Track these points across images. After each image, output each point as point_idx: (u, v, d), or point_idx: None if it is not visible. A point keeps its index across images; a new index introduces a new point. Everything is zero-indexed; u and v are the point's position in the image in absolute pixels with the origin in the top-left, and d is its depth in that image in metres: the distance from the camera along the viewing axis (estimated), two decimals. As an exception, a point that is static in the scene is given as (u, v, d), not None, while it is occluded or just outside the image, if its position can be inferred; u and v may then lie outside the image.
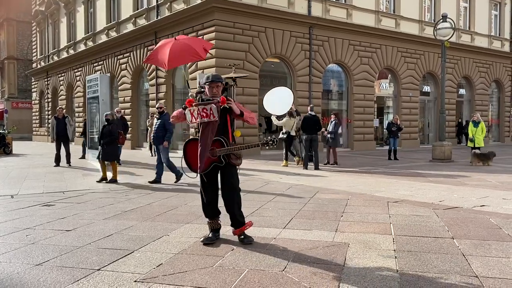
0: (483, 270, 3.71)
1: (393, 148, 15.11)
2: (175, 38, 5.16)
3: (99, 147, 9.91)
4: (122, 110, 16.36)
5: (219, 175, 4.65)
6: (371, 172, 11.47)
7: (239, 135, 4.88)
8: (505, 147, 22.91)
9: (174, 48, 4.92)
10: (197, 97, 4.61)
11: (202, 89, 4.77)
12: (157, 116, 9.91)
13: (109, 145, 9.60)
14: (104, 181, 9.52)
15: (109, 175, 9.64)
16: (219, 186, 4.68)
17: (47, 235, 4.94)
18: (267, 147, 4.54)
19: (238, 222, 4.60)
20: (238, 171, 4.65)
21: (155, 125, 9.77)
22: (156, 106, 10.10)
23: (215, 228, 4.69)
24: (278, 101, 9.33)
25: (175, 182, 9.37)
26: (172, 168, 9.48)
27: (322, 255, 4.13)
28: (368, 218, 5.77)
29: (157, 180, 9.44)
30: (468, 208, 6.45)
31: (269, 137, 4.51)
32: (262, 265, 3.85)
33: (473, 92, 25.63)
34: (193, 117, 4.40)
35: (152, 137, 9.99)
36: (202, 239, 4.60)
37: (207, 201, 4.65)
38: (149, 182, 9.38)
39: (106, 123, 9.92)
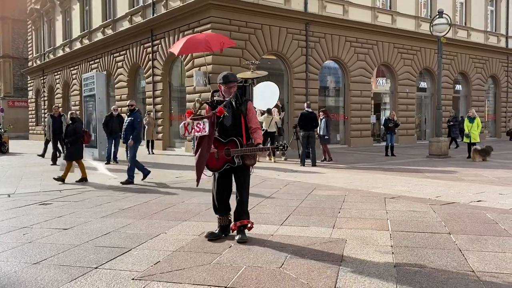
0: (480, 265, 3.73)
1: (390, 144, 15.14)
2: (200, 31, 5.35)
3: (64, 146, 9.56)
4: (119, 108, 16.30)
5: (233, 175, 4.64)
6: (368, 169, 11.50)
7: None
8: (501, 143, 22.99)
9: (192, 39, 5.06)
10: (211, 97, 4.61)
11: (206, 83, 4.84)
12: (127, 114, 9.52)
13: (74, 144, 9.34)
14: (84, 181, 9.32)
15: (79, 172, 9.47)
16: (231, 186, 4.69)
17: (44, 234, 4.94)
18: (278, 152, 4.57)
19: (242, 214, 4.58)
20: (251, 170, 4.67)
21: (125, 122, 9.41)
22: (127, 104, 9.72)
23: (224, 225, 4.66)
24: (264, 96, 9.22)
25: (121, 183, 8.95)
26: (131, 169, 9.04)
27: (319, 251, 4.14)
28: (365, 214, 5.79)
29: (145, 174, 9.29)
30: (464, 203, 6.48)
31: (280, 142, 4.51)
32: (260, 262, 3.85)
33: (469, 88, 25.70)
34: (187, 131, 4.37)
35: (122, 135, 9.63)
36: (205, 234, 4.60)
37: (218, 200, 4.62)
38: (141, 180, 9.21)
39: (70, 122, 9.57)
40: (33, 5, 33.18)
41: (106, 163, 13.39)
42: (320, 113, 13.97)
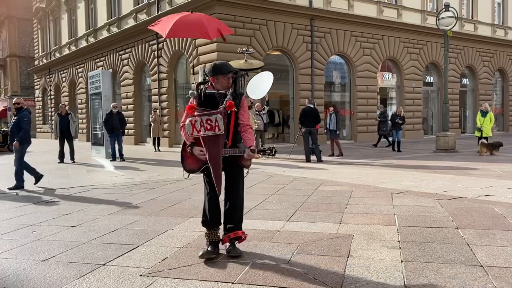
0: (488, 259, 3.70)
1: (396, 139, 15.05)
2: (191, 11, 4.42)
3: None
4: (124, 106, 16.36)
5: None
6: (374, 164, 11.46)
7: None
8: (509, 137, 22.80)
9: (183, 19, 4.28)
10: (199, 89, 3.99)
11: (206, 78, 4.06)
12: (14, 113, 8.77)
13: None
14: None
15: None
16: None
17: (52, 231, 4.97)
18: (263, 157, 3.98)
19: (235, 224, 3.99)
20: (247, 172, 4.05)
21: (11, 122, 8.63)
22: (13, 102, 8.89)
23: (214, 241, 3.97)
24: (259, 85, 8.57)
25: (8, 188, 8.25)
26: (18, 173, 8.36)
27: (326, 247, 4.13)
28: (372, 209, 5.77)
29: (37, 177, 8.62)
30: (472, 198, 6.44)
31: (267, 146, 3.84)
32: (267, 258, 3.85)
33: (476, 81, 25.49)
34: (195, 129, 3.75)
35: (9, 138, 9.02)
36: (200, 254, 3.88)
37: (209, 207, 3.98)
38: (34, 184, 8.50)
39: None
40: (39, 4, 33.33)
41: (111, 160, 13.46)
42: (330, 108, 14.03)
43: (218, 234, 4.01)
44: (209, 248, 3.92)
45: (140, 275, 3.50)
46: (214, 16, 15.89)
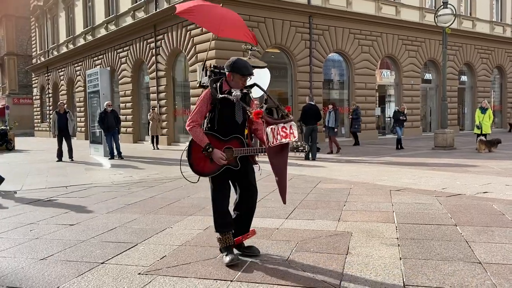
0: (486, 256, 3.70)
1: (397, 137, 15.00)
2: (221, 4, 4.36)
3: None
4: (122, 104, 16.31)
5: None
6: (373, 161, 11.46)
7: None
8: (508, 134, 22.84)
9: (226, 16, 4.14)
10: (214, 85, 3.69)
11: (219, 75, 3.82)
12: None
13: None
14: None
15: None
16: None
17: (50, 230, 4.96)
18: (296, 153, 3.74)
19: (250, 224, 3.95)
20: (259, 169, 3.90)
21: None
22: None
23: (230, 245, 3.74)
24: (258, 82, 8.47)
25: None
26: None
27: (325, 245, 4.13)
28: (371, 206, 5.77)
29: None
30: (471, 195, 6.44)
31: (299, 143, 3.69)
32: (265, 256, 3.85)
33: (475, 78, 25.51)
34: (274, 138, 3.46)
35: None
36: (227, 261, 3.62)
37: (225, 210, 3.76)
38: None
39: None
40: (36, 2, 33.23)
41: (110, 159, 13.45)
42: (329, 106, 14.08)
43: (232, 236, 3.80)
44: (228, 253, 3.68)
45: (139, 273, 3.50)
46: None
